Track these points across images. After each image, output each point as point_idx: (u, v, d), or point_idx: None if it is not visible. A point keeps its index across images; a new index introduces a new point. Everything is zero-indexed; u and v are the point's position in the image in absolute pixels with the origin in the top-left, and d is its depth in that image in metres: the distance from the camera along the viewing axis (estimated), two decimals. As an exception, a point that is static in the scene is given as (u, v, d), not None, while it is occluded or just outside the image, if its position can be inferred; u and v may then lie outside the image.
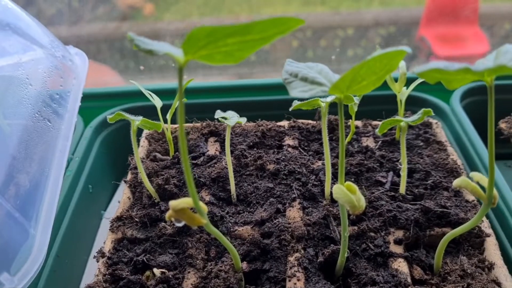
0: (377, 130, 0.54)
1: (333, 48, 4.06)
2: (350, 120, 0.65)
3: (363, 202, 0.42)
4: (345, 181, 0.58)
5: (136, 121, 0.54)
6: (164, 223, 0.55)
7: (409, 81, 0.63)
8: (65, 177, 0.64)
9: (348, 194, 0.42)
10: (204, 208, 0.40)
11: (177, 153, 0.64)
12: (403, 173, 0.57)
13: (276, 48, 4.28)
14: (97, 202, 0.69)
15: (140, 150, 0.66)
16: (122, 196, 0.60)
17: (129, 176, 0.62)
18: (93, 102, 0.78)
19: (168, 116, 0.64)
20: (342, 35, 4.01)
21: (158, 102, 0.65)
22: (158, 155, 0.65)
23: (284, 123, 0.70)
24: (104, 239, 0.66)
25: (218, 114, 0.57)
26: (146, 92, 0.64)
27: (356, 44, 4.00)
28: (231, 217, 0.56)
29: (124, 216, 0.57)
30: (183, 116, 0.36)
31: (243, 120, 0.56)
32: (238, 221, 0.55)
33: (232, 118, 0.56)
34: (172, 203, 0.39)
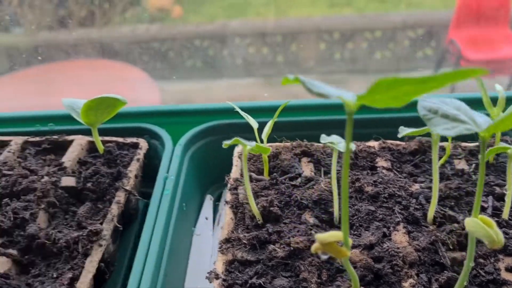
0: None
1: (360, 50, 4.04)
2: (446, 142, 0.66)
3: (501, 237, 0.42)
4: (445, 205, 0.59)
5: (249, 146, 0.55)
6: (273, 246, 0.56)
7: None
8: (164, 196, 0.65)
9: (485, 228, 0.42)
10: (350, 241, 0.41)
11: (275, 174, 0.65)
12: (508, 199, 0.57)
13: (303, 49, 4.26)
14: (188, 219, 0.70)
15: (234, 169, 0.67)
16: (224, 216, 0.61)
17: (229, 197, 0.63)
18: (177, 118, 0.79)
19: (265, 137, 0.65)
20: (370, 38, 3.98)
21: (254, 123, 0.65)
22: (254, 175, 0.66)
23: (374, 144, 0.70)
24: (196, 257, 0.67)
25: (324, 139, 0.58)
26: (243, 114, 0.65)
27: (384, 46, 3.97)
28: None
29: (232, 238, 0.57)
30: (347, 163, 0.36)
31: (353, 146, 0.57)
32: (346, 244, 0.56)
33: (340, 143, 0.56)
34: (320, 237, 0.39)
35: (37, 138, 0.76)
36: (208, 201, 0.76)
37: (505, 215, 0.58)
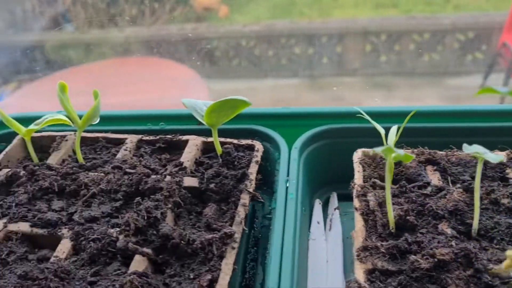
0: None
1: (407, 53, 3.95)
2: None
3: None
4: None
5: (400, 154, 0.53)
6: (414, 256, 0.54)
7: None
8: (289, 200, 0.64)
9: None
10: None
11: (404, 182, 0.63)
12: None
13: (349, 51, 4.19)
14: (305, 223, 0.69)
15: (357, 176, 0.65)
16: (355, 224, 0.60)
17: (358, 203, 0.61)
18: (288, 121, 0.78)
19: (392, 144, 0.63)
20: (418, 40, 3.89)
21: (381, 130, 0.64)
22: (378, 182, 0.64)
23: (500, 153, 0.67)
24: (313, 261, 0.66)
25: (467, 148, 0.55)
26: (368, 119, 0.64)
27: (432, 49, 3.87)
28: (480, 253, 0.54)
29: (370, 246, 0.56)
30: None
31: (501, 158, 0.54)
32: (491, 258, 0.54)
33: (486, 154, 0.54)
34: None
35: (151, 137, 0.76)
36: (318, 205, 0.75)
37: None
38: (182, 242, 0.58)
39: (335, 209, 0.74)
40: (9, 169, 0.72)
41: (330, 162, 0.75)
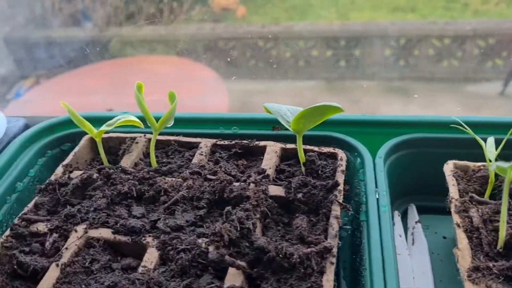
0: None
1: (426, 58, 3.91)
2: None
3: None
4: None
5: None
6: (532, 280, 0.50)
7: None
8: (382, 213, 0.61)
9: None
10: None
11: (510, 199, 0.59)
12: None
13: (367, 54, 4.16)
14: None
15: (453, 190, 0.62)
16: (458, 241, 0.56)
17: (459, 219, 0.58)
18: (370, 129, 0.74)
19: (493, 156, 0.60)
20: (438, 45, 3.84)
21: (481, 142, 0.60)
22: (476, 197, 0.60)
23: None
24: (401, 276, 0.62)
25: None
26: (469, 131, 0.60)
27: (451, 55, 3.83)
28: None
29: (481, 267, 0.52)
30: None
31: None
32: None
33: None
34: None
35: (227, 142, 0.72)
36: (397, 217, 0.71)
37: None
38: (279, 255, 0.55)
39: (416, 222, 0.71)
40: (83, 172, 0.69)
41: (411, 172, 0.72)
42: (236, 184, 0.64)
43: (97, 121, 0.74)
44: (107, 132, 0.74)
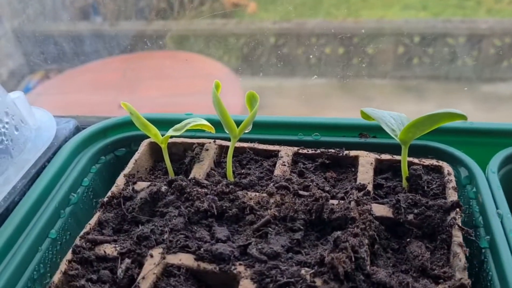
0: None
1: (441, 56, 3.81)
2: None
3: None
4: None
5: None
6: None
7: None
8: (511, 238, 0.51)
9: None
10: None
11: None
12: None
13: (380, 52, 4.06)
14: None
15: None
16: None
17: None
18: (474, 138, 0.64)
19: None
20: (453, 43, 3.74)
21: None
22: None
23: None
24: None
25: None
26: None
27: (467, 53, 3.73)
28: None
29: None
30: None
31: None
32: None
33: None
34: None
35: (310, 151, 0.62)
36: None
37: None
38: (405, 293, 0.45)
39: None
40: (150, 183, 0.59)
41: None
42: (334, 202, 0.54)
43: (158, 123, 0.64)
44: (171, 137, 0.64)
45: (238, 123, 0.58)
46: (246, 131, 0.60)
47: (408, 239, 0.52)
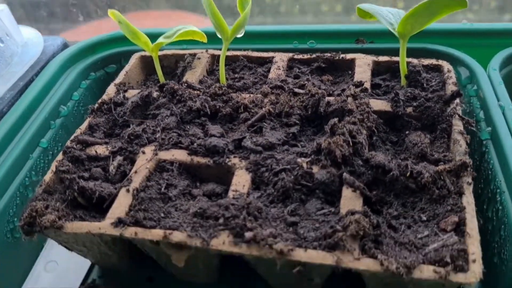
0: None
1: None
2: None
3: None
4: None
5: None
6: None
7: None
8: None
9: None
10: None
11: None
12: None
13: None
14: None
15: None
16: None
17: None
18: (473, 40, 0.62)
19: None
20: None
21: None
22: None
23: None
24: None
25: None
26: None
27: (467, 8, 3.67)
28: None
29: None
30: None
31: None
32: None
33: None
34: None
35: (305, 56, 0.60)
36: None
37: None
38: (404, 175, 0.44)
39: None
40: (140, 90, 0.57)
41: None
42: (330, 98, 0.52)
43: (149, 37, 0.61)
44: (161, 49, 0.62)
45: (247, 34, 0.57)
46: (239, 36, 0.58)
47: (407, 132, 0.50)
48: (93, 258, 0.51)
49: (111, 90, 0.58)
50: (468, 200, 0.42)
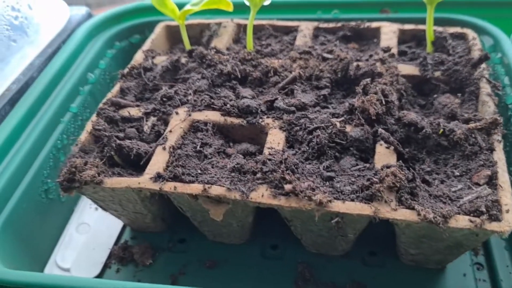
0: None
1: None
2: None
3: None
4: None
5: None
6: None
7: None
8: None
9: None
10: None
11: None
12: None
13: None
14: None
15: None
16: None
17: None
18: (495, 10, 0.63)
19: None
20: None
21: None
22: None
23: None
24: None
25: None
26: None
27: None
28: None
29: None
30: None
31: None
32: None
33: None
34: None
35: (331, 24, 0.61)
36: None
37: None
38: (436, 132, 0.45)
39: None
40: (168, 56, 0.58)
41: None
42: (359, 63, 0.53)
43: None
44: (186, 18, 0.62)
45: (271, 4, 0.57)
46: (265, 4, 0.58)
47: (435, 95, 0.51)
48: (127, 218, 0.52)
49: (139, 56, 0.59)
50: (499, 156, 0.43)
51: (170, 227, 0.53)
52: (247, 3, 0.58)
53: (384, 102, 0.46)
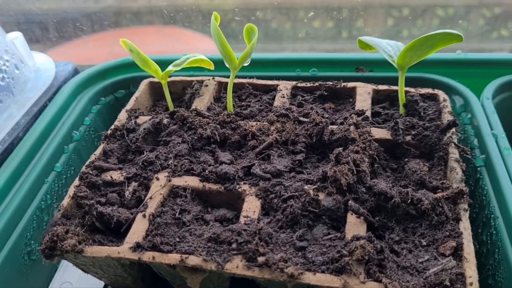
0: None
1: (430, 28, 3.80)
2: None
3: None
4: None
5: None
6: None
7: None
8: (506, 156, 0.53)
9: None
10: None
11: None
12: None
13: (370, 25, 4.03)
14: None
15: None
16: None
17: None
18: (467, 70, 0.66)
19: None
20: (442, 15, 3.73)
21: None
22: None
23: None
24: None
25: None
26: None
27: (455, 25, 3.74)
28: None
29: None
30: None
31: None
32: None
33: None
34: None
35: (309, 84, 0.64)
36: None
37: None
38: (405, 202, 0.47)
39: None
40: (151, 117, 0.60)
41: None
42: (334, 127, 0.55)
43: (158, 64, 0.64)
44: (169, 76, 0.65)
45: (252, 62, 0.60)
46: (245, 64, 0.61)
47: (406, 159, 0.54)
48: (107, 280, 0.53)
49: (122, 116, 0.61)
50: (465, 226, 0.45)
51: (151, 286, 0.55)
52: (227, 65, 0.60)
53: (355, 172, 0.48)
